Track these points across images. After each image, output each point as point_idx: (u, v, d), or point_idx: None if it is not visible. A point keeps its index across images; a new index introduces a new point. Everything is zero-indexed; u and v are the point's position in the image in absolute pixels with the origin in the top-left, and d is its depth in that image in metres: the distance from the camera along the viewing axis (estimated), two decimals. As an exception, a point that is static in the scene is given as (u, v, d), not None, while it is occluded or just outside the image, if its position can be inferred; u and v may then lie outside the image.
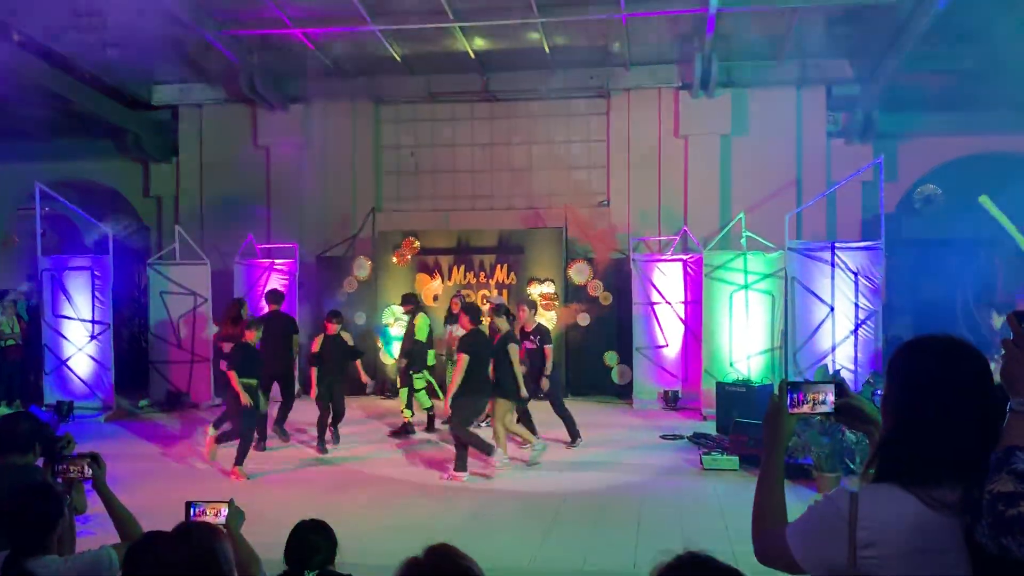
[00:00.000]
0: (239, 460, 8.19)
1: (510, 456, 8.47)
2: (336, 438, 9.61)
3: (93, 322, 11.79)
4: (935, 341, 1.95)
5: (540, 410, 9.43)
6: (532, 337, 9.37)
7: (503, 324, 8.72)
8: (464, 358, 8.08)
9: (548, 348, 9.36)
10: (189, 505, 2.82)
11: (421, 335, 10.32)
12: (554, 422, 9.56)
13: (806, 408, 2.10)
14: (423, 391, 10.44)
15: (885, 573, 1.79)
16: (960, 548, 1.74)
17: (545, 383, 9.24)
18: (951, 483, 1.77)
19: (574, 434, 9.53)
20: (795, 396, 2.10)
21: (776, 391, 2.15)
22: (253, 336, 8.65)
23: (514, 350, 8.41)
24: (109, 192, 16.26)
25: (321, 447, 9.31)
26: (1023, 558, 1.56)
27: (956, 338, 1.96)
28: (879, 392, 7.55)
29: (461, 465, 8.13)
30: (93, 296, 11.81)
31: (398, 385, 10.71)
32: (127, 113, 14.95)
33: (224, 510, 2.80)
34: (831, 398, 2.09)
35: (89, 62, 13.07)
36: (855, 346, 10.25)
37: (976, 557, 1.73)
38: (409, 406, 10.25)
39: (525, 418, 9.04)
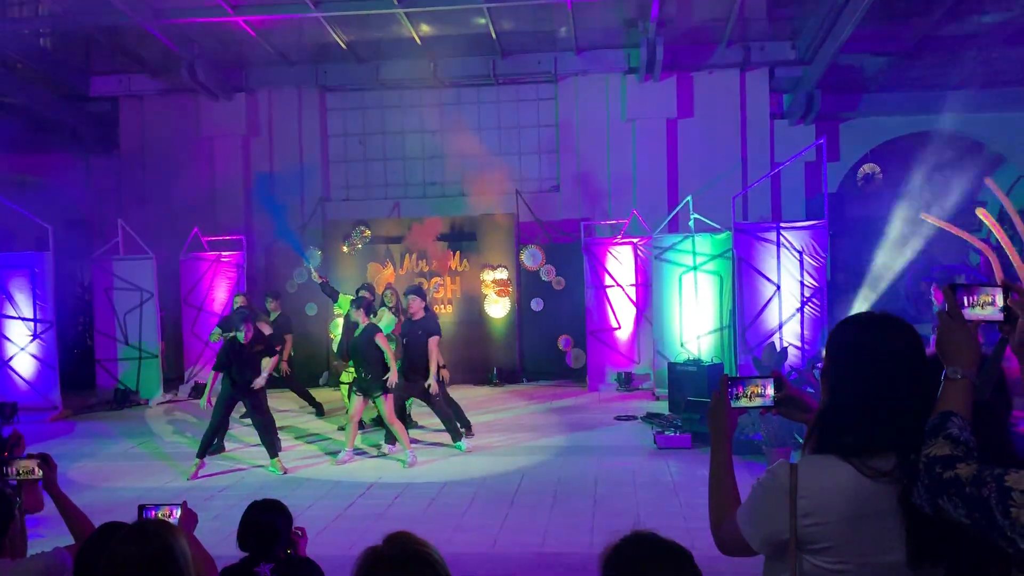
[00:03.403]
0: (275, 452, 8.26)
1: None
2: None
3: (36, 320, 11.51)
4: (869, 317, 2.05)
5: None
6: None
7: (359, 316, 8.30)
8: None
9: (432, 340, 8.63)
10: (142, 508, 2.77)
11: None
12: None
13: (746, 401, 2.19)
14: (347, 385, 9.64)
15: (825, 540, 1.87)
16: (895, 514, 1.83)
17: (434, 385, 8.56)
18: (886, 452, 1.86)
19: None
20: (735, 390, 2.18)
21: (718, 386, 2.23)
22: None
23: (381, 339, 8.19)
24: (48, 186, 15.78)
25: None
26: (958, 518, 1.64)
27: (889, 314, 2.05)
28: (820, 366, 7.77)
29: (458, 432, 8.81)
30: (34, 294, 11.51)
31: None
32: (64, 104, 14.53)
33: (176, 512, 2.76)
34: (770, 391, 2.18)
35: (22, 51, 12.66)
36: (801, 323, 10.50)
37: (910, 520, 1.81)
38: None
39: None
